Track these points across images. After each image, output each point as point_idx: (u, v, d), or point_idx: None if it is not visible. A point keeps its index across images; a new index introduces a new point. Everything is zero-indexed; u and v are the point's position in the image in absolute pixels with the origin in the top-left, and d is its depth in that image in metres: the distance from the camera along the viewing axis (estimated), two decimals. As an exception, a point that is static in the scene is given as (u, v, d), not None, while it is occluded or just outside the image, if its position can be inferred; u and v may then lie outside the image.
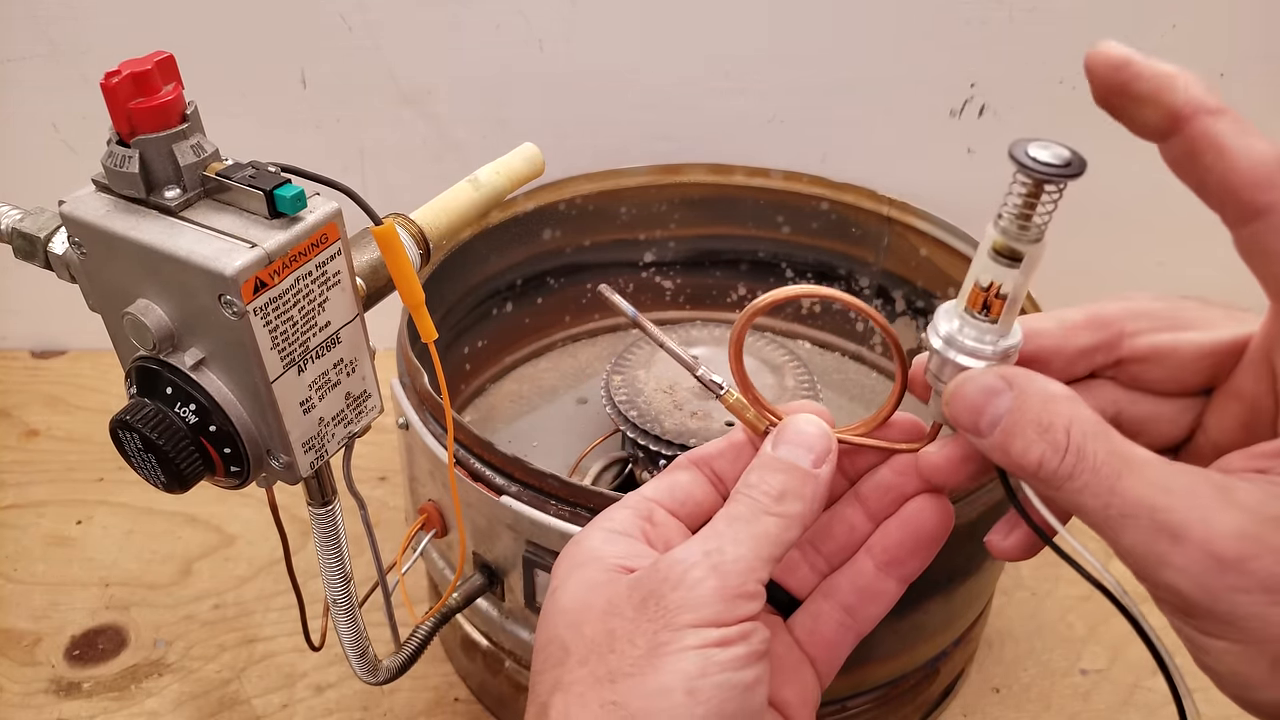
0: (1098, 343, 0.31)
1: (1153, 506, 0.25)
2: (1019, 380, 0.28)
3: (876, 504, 0.34)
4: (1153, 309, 0.31)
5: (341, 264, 0.34)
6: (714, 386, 0.36)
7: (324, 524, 0.40)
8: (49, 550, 0.70)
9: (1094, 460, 0.26)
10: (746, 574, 0.29)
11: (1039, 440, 0.27)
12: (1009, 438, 0.27)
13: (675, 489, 0.34)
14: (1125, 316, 0.31)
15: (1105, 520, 0.26)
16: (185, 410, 0.33)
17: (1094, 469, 0.26)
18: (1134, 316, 0.31)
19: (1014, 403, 0.27)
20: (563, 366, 0.77)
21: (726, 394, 0.36)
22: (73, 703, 0.60)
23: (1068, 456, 0.26)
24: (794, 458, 0.31)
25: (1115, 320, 0.31)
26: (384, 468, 0.76)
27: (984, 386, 0.28)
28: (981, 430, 0.28)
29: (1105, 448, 0.26)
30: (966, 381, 0.29)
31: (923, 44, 0.74)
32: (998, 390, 0.28)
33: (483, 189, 0.45)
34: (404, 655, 0.47)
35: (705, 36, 0.74)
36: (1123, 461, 0.26)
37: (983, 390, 0.28)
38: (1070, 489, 0.26)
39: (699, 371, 0.36)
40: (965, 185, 0.78)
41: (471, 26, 0.73)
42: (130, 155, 0.31)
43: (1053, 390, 0.27)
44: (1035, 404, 0.27)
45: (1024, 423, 0.27)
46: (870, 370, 0.77)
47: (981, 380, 0.28)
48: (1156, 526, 0.25)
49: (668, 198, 0.74)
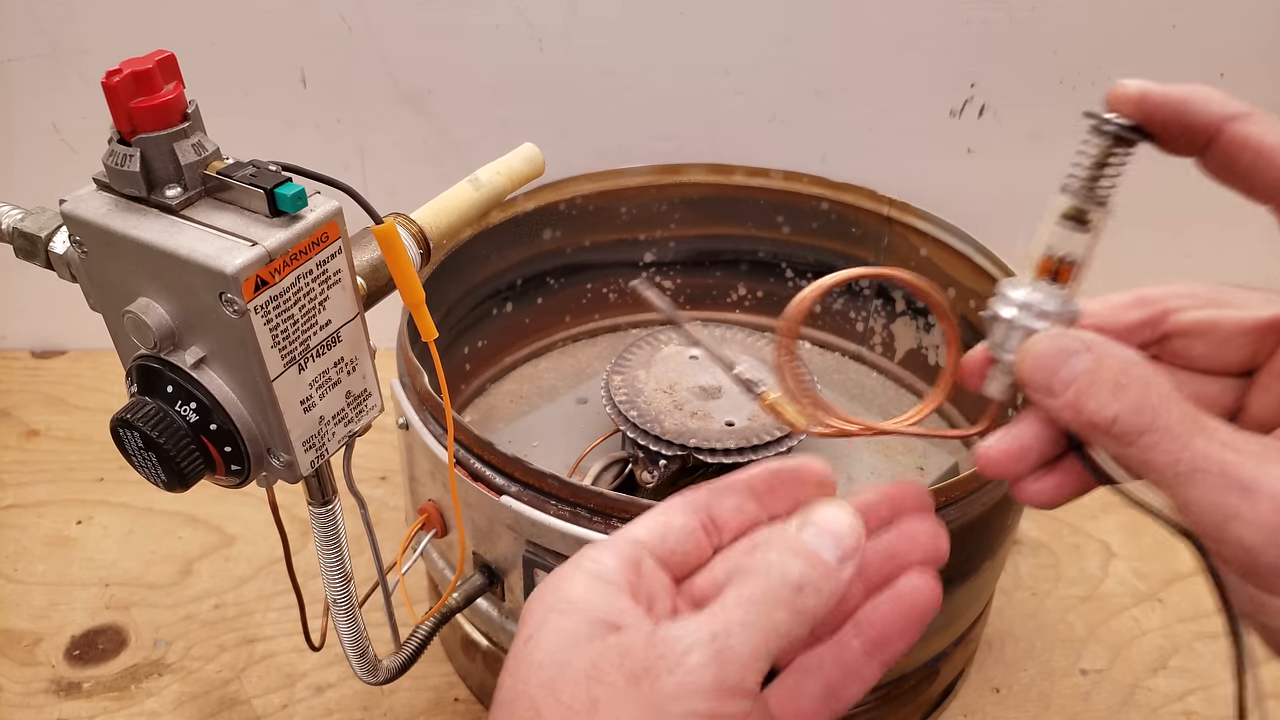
0: (1143, 319, 0.32)
1: (1223, 461, 0.26)
2: (1095, 342, 0.29)
3: (875, 572, 0.33)
4: (1195, 290, 0.32)
5: (342, 263, 0.34)
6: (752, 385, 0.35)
7: (324, 523, 0.40)
8: (49, 550, 0.70)
9: (1167, 419, 0.27)
10: (748, 668, 0.28)
11: (1114, 400, 0.27)
12: (1083, 396, 0.28)
13: (668, 536, 0.32)
14: (1169, 296, 0.32)
15: (1175, 476, 0.27)
16: (186, 409, 0.33)
17: (1166, 427, 0.27)
18: (1177, 296, 0.32)
19: (1091, 363, 0.28)
20: (563, 366, 0.77)
21: (764, 393, 0.35)
22: (73, 703, 0.60)
23: (1143, 415, 0.27)
24: (820, 547, 0.30)
25: (1160, 299, 0.32)
26: (384, 467, 0.76)
27: (1061, 347, 0.29)
28: (1054, 389, 0.28)
29: (1178, 409, 0.27)
30: (1042, 340, 0.29)
31: (923, 44, 0.74)
32: (1074, 350, 0.28)
33: (483, 189, 0.45)
34: (404, 655, 0.47)
35: (705, 36, 0.74)
36: (1195, 422, 0.27)
37: (1060, 350, 0.29)
38: (1142, 445, 0.27)
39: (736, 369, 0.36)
40: (965, 185, 0.78)
41: (471, 26, 0.73)
42: (131, 154, 0.31)
43: (1128, 354, 0.28)
44: (1112, 364, 0.28)
45: (1100, 382, 0.28)
46: (870, 370, 0.77)
47: (1058, 341, 0.29)
48: (1227, 481, 0.26)
49: (668, 198, 0.74)
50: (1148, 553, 0.72)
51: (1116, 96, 0.28)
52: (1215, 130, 0.27)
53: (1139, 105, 0.28)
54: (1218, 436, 0.26)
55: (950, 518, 0.47)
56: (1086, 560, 0.71)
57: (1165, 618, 0.67)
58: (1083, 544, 0.72)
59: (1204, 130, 0.27)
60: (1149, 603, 0.68)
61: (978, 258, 0.64)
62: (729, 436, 0.57)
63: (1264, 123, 0.26)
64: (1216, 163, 0.27)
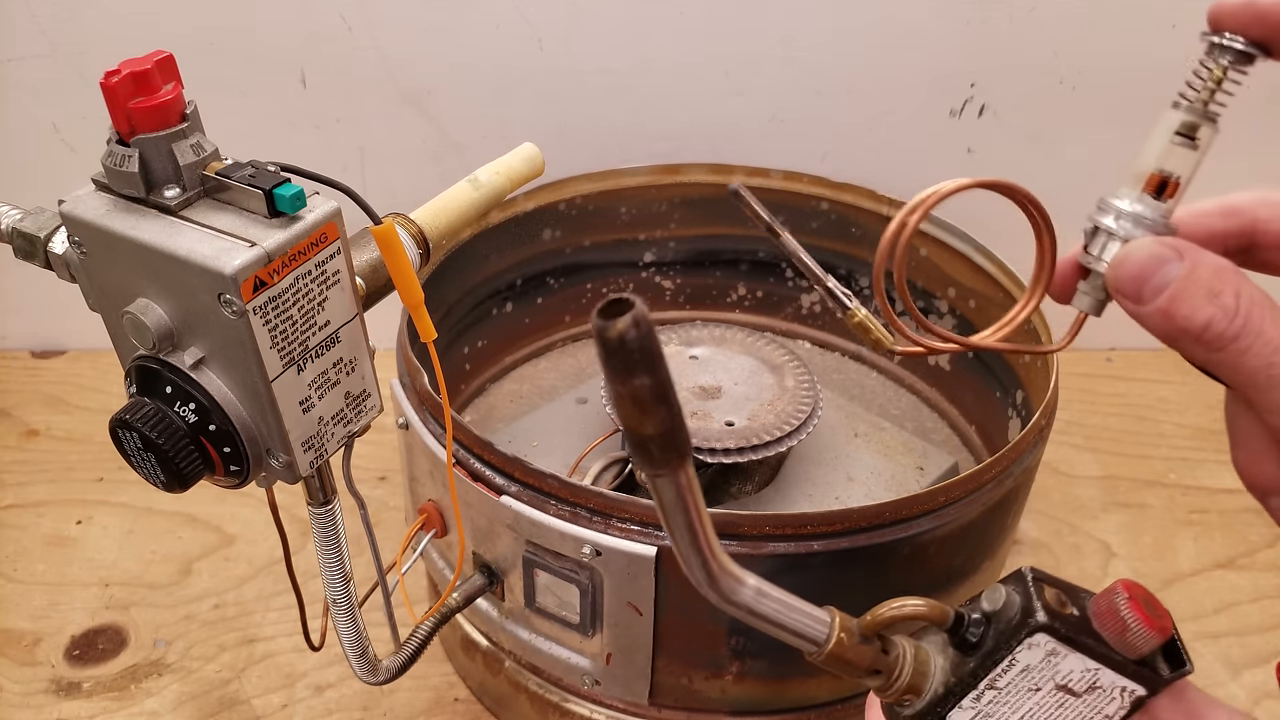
0: (1229, 229, 0.32)
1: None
2: (1190, 250, 0.29)
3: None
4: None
5: (341, 263, 0.34)
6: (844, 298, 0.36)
7: (324, 524, 0.40)
8: (49, 550, 0.70)
9: (1260, 324, 0.27)
10: None
11: (1208, 304, 0.28)
12: (1176, 302, 0.28)
13: None
14: (1257, 204, 0.32)
15: (1268, 380, 0.27)
16: (185, 409, 0.33)
17: (1259, 331, 0.27)
18: (1266, 204, 0.32)
19: (1185, 269, 0.28)
20: (563, 366, 0.77)
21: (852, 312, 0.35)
22: (73, 703, 0.60)
23: (1236, 319, 0.28)
24: None
25: (1247, 208, 0.32)
26: (384, 468, 0.76)
27: (1154, 254, 0.29)
28: (1144, 296, 0.29)
29: (1271, 315, 0.28)
30: (1138, 248, 0.30)
31: (923, 44, 0.74)
32: (1168, 258, 0.29)
33: (483, 189, 0.45)
34: (404, 655, 0.47)
35: (705, 36, 0.74)
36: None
37: (1153, 256, 0.29)
38: (1235, 349, 0.28)
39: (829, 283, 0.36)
40: (965, 185, 0.78)
41: (471, 26, 0.73)
42: (130, 154, 0.31)
43: (1222, 262, 0.29)
44: (1206, 272, 0.28)
45: (1194, 288, 0.28)
46: (870, 370, 0.77)
47: (1152, 248, 0.29)
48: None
49: (668, 198, 0.74)
50: (1148, 553, 0.72)
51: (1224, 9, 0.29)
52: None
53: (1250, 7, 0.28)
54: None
55: (950, 518, 0.47)
56: (1086, 560, 0.71)
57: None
58: (1083, 544, 0.72)
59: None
60: (1149, 603, 0.68)
61: (978, 258, 0.64)
62: (729, 436, 0.57)
63: None
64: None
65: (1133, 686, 0.30)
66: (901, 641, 0.32)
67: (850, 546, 0.45)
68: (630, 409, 0.26)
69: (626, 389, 0.25)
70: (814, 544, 0.45)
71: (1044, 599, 0.30)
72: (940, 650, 0.32)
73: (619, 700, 0.53)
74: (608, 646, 0.49)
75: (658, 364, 0.25)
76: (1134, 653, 0.30)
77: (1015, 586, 0.31)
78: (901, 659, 0.32)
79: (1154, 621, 0.29)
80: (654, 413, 0.26)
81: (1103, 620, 0.30)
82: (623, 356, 0.24)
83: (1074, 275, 0.33)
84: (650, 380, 0.25)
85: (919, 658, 0.32)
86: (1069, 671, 0.30)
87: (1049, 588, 0.31)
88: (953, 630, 0.32)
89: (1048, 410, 0.52)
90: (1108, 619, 0.30)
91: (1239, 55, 0.29)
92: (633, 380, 0.25)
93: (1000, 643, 0.31)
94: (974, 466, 0.51)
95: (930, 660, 0.32)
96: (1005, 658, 0.30)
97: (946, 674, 0.32)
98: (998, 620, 0.31)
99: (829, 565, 0.46)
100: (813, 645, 0.32)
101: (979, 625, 0.31)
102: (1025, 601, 0.31)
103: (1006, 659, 0.30)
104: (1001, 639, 0.31)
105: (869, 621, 0.32)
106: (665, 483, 0.28)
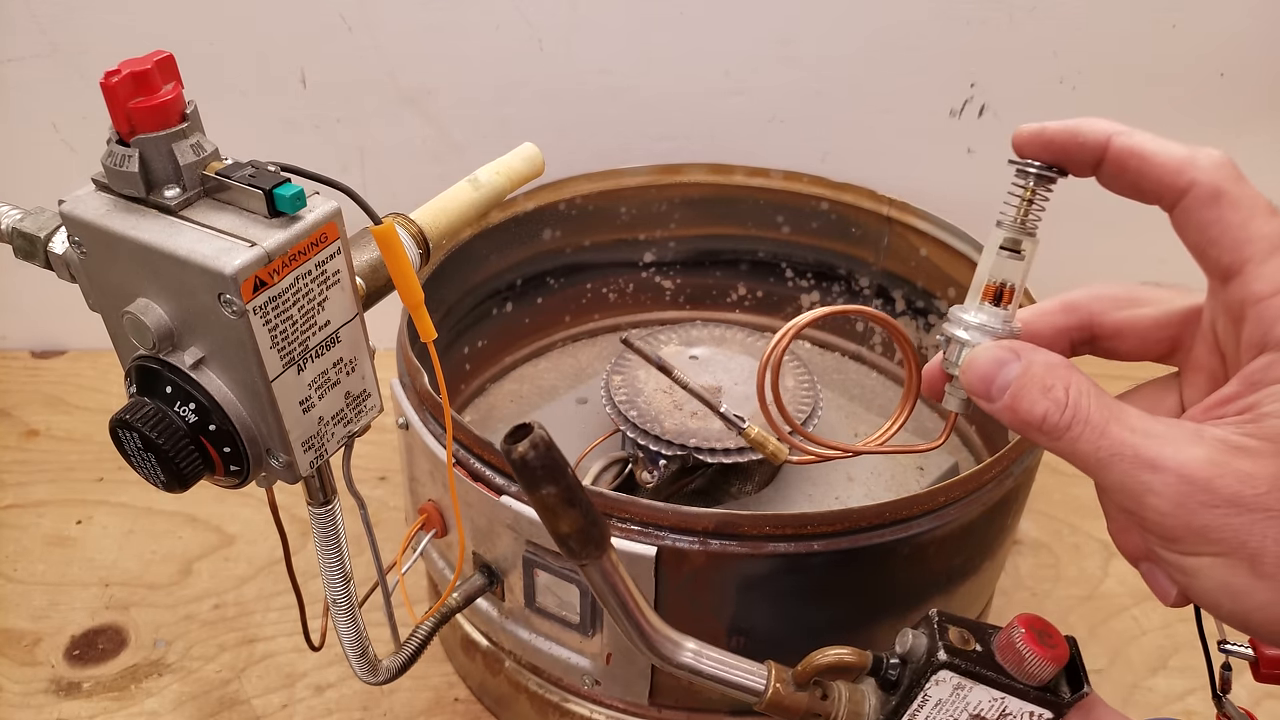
0: (1070, 324, 0.35)
1: (1135, 445, 0.29)
2: (1025, 350, 0.32)
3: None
4: (1113, 292, 0.36)
5: (341, 263, 0.34)
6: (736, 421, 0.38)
7: (324, 524, 0.39)
8: (49, 550, 0.70)
9: (1087, 413, 0.30)
10: None
11: (1043, 398, 0.31)
12: (1017, 399, 0.31)
13: None
14: (1090, 299, 0.36)
15: (1096, 462, 0.30)
16: (185, 409, 0.33)
17: (1087, 420, 0.30)
18: (1098, 299, 0.36)
19: (1021, 368, 0.31)
20: (563, 366, 0.77)
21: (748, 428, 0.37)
22: (73, 703, 0.60)
23: (1066, 411, 0.30)
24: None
25: (1083, 304, 0.36)
26: (384, 468, 0.76)
27: (995, 357, 0.32)
28: (993, 395, 0.32)
29: (1097, 403, 0.30)
30: (981, 353, 0.32)
31: (923, 44, 0.74)
32: (1006, 359, 0.32)
33: (482, 189, 0.45)
34: (404, 655, 0.47)
35: (705, 36, 0.74)
36: (1111, 413, 0.30)
37: (995, 360, 0.32)
38: (1069, 438, 0.30)
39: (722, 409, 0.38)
40: (965, 185, 0.78)
41: (471, 26, 0.73)
42: (130, 154, 0.31)
43: (1053, 358, 0.32)
44: (1039, 369, 0.31)
45: (1030, 385, 0.31)
46: (870, 370, 0.77)
47: (993, 352, 0.32)
48: (1139, 461, 0.29)
49: (668, 198, 0.74)
50: (1148, 553, 0.72)
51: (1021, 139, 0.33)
52: (1104, 145, 0.31)
53: (1039, 137, 0.32)
54: (1130, 422, 0.30)
55: (950, 518, 0.47)
56: (1086, 560, 0.71)
57: (1165, 617, 0.67)
58: (1083, 544, 0.72)
59: (1095, 148, 0.31)
60: (1149, 603, 0.68)
61: (978, 257, 0.64)
62: (729, 436, 0.57)
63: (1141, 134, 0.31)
64: (1110, 175, 0.31)
65: (1039, 711, 0.34)
66: (839, 686, 0.37)
67: (850, 546, 0.45)
68: (545, 514, 0.31)
69: (536, 498, 0.30)
70: (814, 544, 0.45)
71: (947, 639, 0.34)
72: (874, 691, 0.36)
73: (619, 700, 0.53)
74: (608, 646, 0.49)
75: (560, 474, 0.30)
76: (1036, 680, 0.34)
77: (924, 629, 0.36)
78: (837, 702, 0.36)
79: (1048, 651, 0.34)
80: (565, 515, 0.31)
81: (1004, 654, 0.34)
82: (528, 473, 0.30)
83: (942, 379, 0.36)
84: (555, 488, 0.30)
85: (853, 699, 0.36)
86: (978, 702, 0.34)
87: (954, 628, 0.35)
88: (874, 672, 0.36)
89: (1048, 410, 0.52)
90: (1007, 652, 0.34)
91: (1040, 177, 0.32)
92: (540, 490, 0.30)
93: (914, 681, 0.34)
94: (974, 466, 0.51)
95: (864, 700, 0.36)
96: (918, 694, 0.34)
97: (878, 712, 0.36)
98: (910, 660, 0.35)
99: (829, 565, 0.46)
100: (753, 695, 0.36)
101: (896, 666, 0.35)
102: (930, 642, 0.35)
103: (919, 695, 0.34)
104: (914, 678, 0.34)
105: (801, 670, 0.36)
106: (592, 571, 0.33)
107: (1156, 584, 0.34)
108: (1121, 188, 0.32)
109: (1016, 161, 0.33)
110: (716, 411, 0.37)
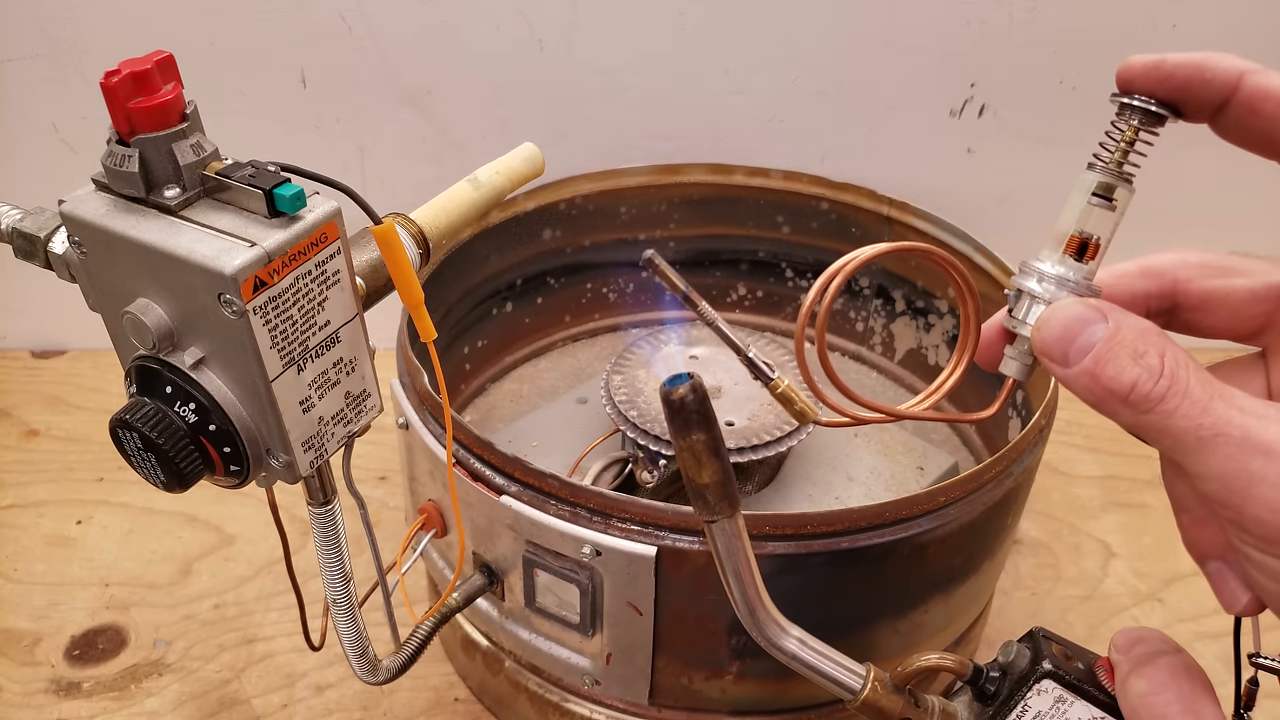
0: (1150, 290, 0.32)
1: (1244, 424, 0.26)
2: (1113, 311, 0.28)
3: None
4: (1202, 258, 0.32)
5: (341, 263, 0.34)
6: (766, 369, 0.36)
7: (324, 524, 0.39)
8: (49, 550, 0.70)
9: (1186, 385, 0.26)
10: None
11: (1133, 365, 0.27)
12: (1101, 364, 0.27)
13: None
14: (1176, 265, 0.32)
15: (1196, 441, 0.26)
16: (185, 409, 0.33)
17: (1186, 392, 0.26)
18: (1184, 264, 0.32)
19: (1109, 331, 0.28)
20: (563, 366, 0.77)
21: (776, 381, 0.36)
22: (73, 703, 0.60)
23: (1162, 380, 0.27)
24: None
25: (1167, 269, 0.32)
26: (384, 468, 0.76)
27: (1078, 315, 0.28)
28: (1069, 358, 0.28)
29: (1197, 375, 0.27)
30: (1060, 309, 0.29)
31: (923, 44, 0.74)
32: (1092, 319, 0.28)
33: (483, 189, 0.45)
34: (404, 655, 0.47)
35: (705, 36, 0.74)
36: (1214, 388, 0.26)
37: (1077, 318, 0.28)
38: (1162, 411, 0.27)
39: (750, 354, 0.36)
40: (965, 185, 0.78)
41: (471, 26, 0.73)
42: (130, 154, 0.31)
43: (1145, 324, 0.28)
44: (1130, 333, 0.28)
45: (1118, 349, 0.27)
46: (870, 370, 0.77)
47: (1075, 309, 0.29)
48: (1250, 444, 0.25)
49: (668, 198, 0.74)
50: (1148, 553, 0.72)
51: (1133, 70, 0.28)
52: (1235, 83, 0.27)
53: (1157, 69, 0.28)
54: (1236, 401, 0.26)
55: (950, 518, 0.47)
56: (1086, 560, 0.71)
57: (1165, 618, 0.67)
58: (1083, 544, 0.72)
59: (1224, 85, 0.27)
60: (1149, 603, 0.68)
61: (978, 258, 0.64)
62: (729, 436, 0.57)
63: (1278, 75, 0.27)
64: (1235, 119, 0.27)
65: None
66: (931, 697, 0.36)
67: (850, 546, 0.45)
68: (691, 461, 0.31)
69: (686, 443, 0.30)
70: (814, 544, 0.45)
71: (1051, 652, 0.34)
72: (967, 706, 0.36)
73: (619, 700, 0.53)
74: (608, 646, 0.49)
75: (712, 423, 0.30)
76: None
77: (1027, 643, 0.35)
78: (931, 711, 0.36)
79: None
80: (709, 464, 0.31)
81: (1106, 672, 0.34)
82: (684, 415, 0.30)
83: (1000, 340, 0.32)
84: (705, 435, 0.30)
85: (946, 710, 0.36)
86: (1076, 718, 0.34)
87: (1056, 645, 0.35)
88: (973, 680, 0.36)
89: (1048, 410, 0.52)
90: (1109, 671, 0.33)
91: (1149, 116, 0.29)
92: (691, 435, 0.30)
93: (1014, 690, 0.34)
94: (974, 466, 0.51)
95: (957, 714, 0.36)
96: (1019, 703, 0.33)
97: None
98: (1011, 671, 0.35)
99: (829, 565, 0.46)
100: (849, 693, 0.36)
101: (996, 678, 0.35)
102: (1035, 653, 0.34)
103: (1020, 705, 0.34)
104: (1015, 687, 0.34)
105: (900, 673, 0.36)
106: (719, 530, 0.32)
107: (1225, 587, 0.31)
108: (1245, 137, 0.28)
109: (1122, 97, 0.29)
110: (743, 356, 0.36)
